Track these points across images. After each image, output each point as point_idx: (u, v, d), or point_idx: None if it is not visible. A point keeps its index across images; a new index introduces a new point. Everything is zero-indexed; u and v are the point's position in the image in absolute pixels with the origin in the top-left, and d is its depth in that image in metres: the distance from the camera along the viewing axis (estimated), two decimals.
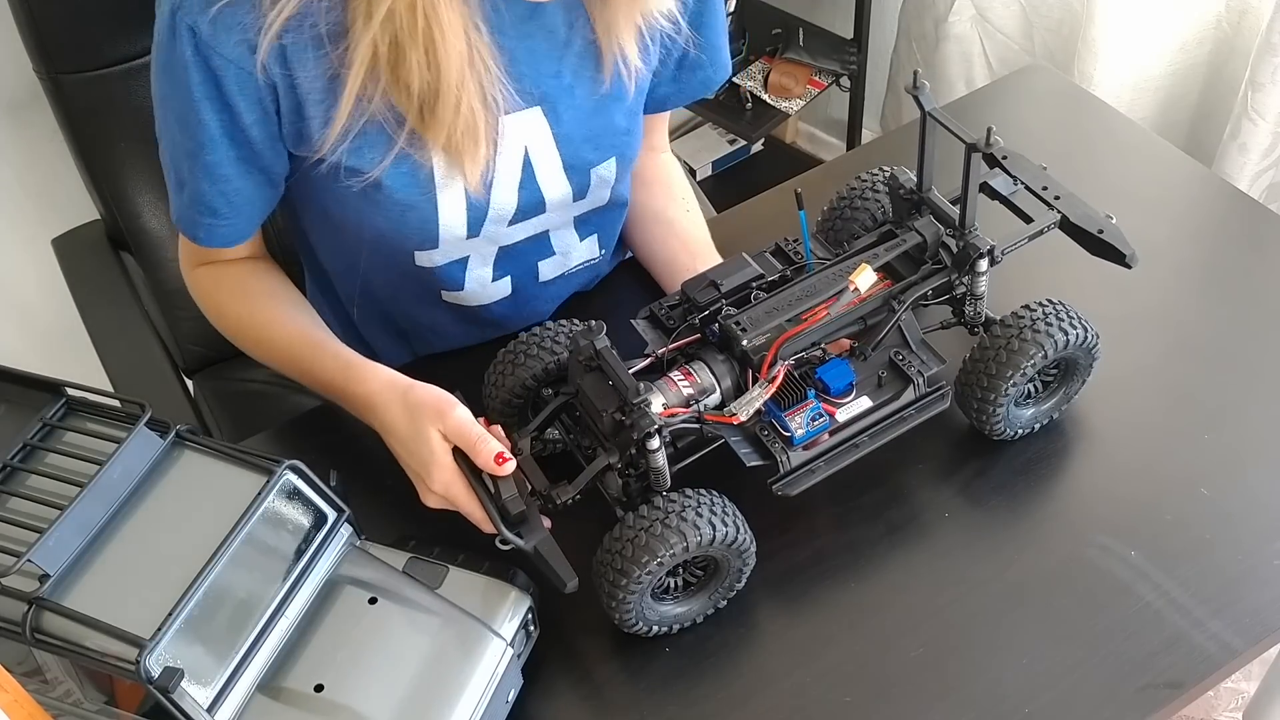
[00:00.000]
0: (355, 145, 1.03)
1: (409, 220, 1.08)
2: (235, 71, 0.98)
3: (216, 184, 1.06)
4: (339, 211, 1.11)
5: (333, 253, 1.22)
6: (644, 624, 0.96)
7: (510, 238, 1.16)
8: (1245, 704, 1.79)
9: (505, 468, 0.94)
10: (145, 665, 0.77)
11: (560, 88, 1.09)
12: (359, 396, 1.04)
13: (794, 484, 0.98)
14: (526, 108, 1.07)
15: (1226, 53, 1.92)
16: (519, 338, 1.05)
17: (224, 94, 1.00)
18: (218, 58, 0.98)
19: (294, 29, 0.97)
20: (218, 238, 1.10)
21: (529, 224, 1.16)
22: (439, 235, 1.11)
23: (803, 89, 2.37)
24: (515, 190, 1.11)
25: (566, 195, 1.15)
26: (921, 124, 1.04)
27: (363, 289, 1.24)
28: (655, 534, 0.90)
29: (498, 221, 1.13)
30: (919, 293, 1.03)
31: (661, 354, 1.01)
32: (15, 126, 1.71)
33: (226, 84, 0.99)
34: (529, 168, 1.11)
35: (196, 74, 0.99)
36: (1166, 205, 1.31)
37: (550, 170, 1.12)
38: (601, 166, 1.15)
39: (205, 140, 1.02)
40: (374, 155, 1.04)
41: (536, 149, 1.10)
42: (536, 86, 1.07)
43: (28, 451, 0.88)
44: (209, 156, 1.04)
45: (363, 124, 1.02)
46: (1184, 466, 1.07)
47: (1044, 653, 0.95)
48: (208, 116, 1.01)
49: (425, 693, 0.87)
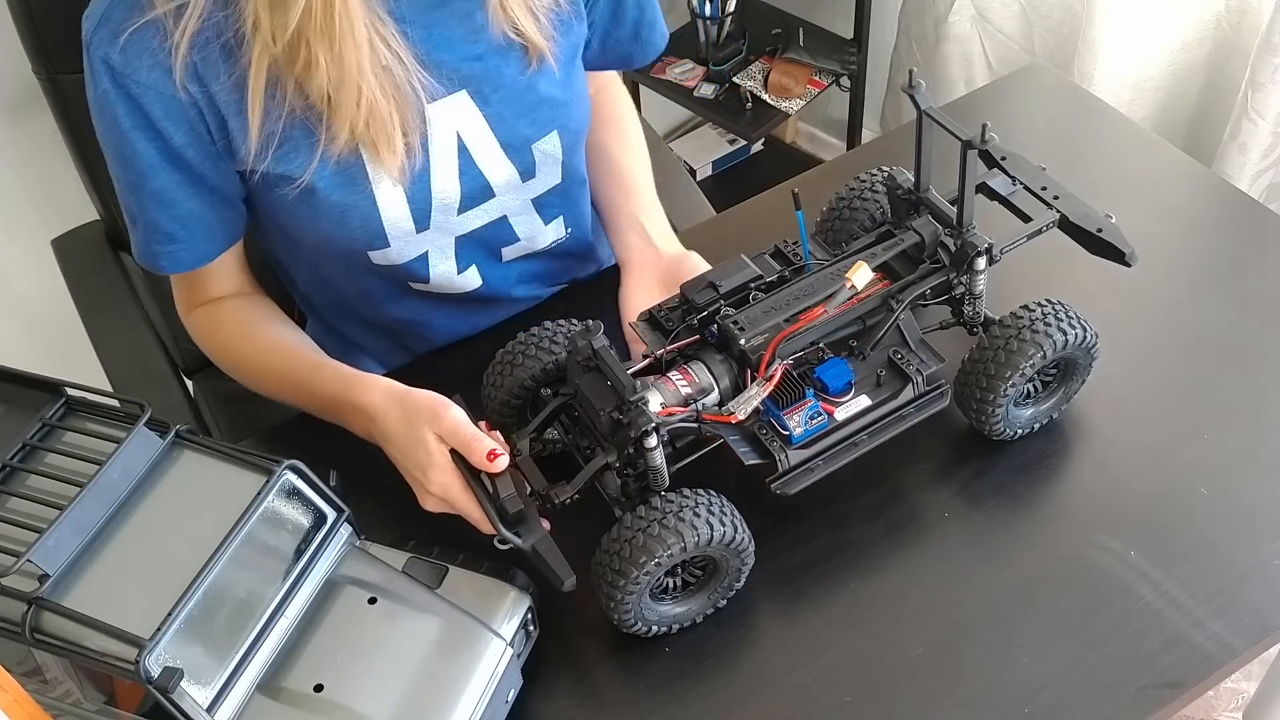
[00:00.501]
0: (281, 152, 1.04)
1: (351, 220, 1.09)
2: (156, 96, 1.00)
3: (165, 209, 1.07)
4: (288, 221, 1.12)
5: (298, 266, 1.23)
6: (643, 624, 0.96)
7: (464, 226, 1.16)
8: (1245, 704, 1.79)
9: (498, 464, 0.94)
10: (145, 665, 0.77)
11: (484, 69, 1.09)
12: (360, 407, 1.04)
13: (792, 483, 0.98)
14: (450, 93, 1.08)
15: (1226, 52, 1.92)
16: (517, 338, 1.05)
17: (151, 120, 1.01)
18: (135, 85, 0.99)
19: (201, 45, 0.98)
20: (180, 262, 1.11)
21: (480, 211, 1.16)
22: (385, 232, 1.11)
23: (803, 89, 2.37)
24: (455, 177, 1.12)
25: (513, 176, 1.15)
26: (918, 123, 1.04)
27: (336, 298, 1.25)
28: (653, 534, 0.90)
29: (445, 211, 1.13)
30: (917, 292, 1.03)
31: (660, 354, 1.01)
32: (15, 127, 1.71)
33: (151, 110, 1.00)
34: (465, 153, 1.11)
35: (120, 106, 1.00)
36: (1166, 205, 1.31)
37: (488, 152, 1.12)
38: (542, 142, 1.15)
39: (145, 169, 1.04)
40: (300, 159, 1.04)
41: (470, 133, 1.11)
42: (457, 71, 1.08)
43: (27, 451, 0.88)
44: (152, 184, 1.05)
45: (282, 128, 1.02)
46: (1184, 466, 1.07)
47: (1044, 652, 0.95)
48: (141, 146, 1.02)
49: (425, 693, 0.87)
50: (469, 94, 1.09)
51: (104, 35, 0.98)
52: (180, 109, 1.01)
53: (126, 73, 0.99)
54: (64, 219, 1.55)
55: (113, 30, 0.98)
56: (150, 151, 1.03)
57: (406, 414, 0.99)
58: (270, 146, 1.03)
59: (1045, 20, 2.08)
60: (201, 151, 1.04)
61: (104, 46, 0.98)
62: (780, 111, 2.36)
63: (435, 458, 0.97)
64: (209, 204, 1.08)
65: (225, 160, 1.06)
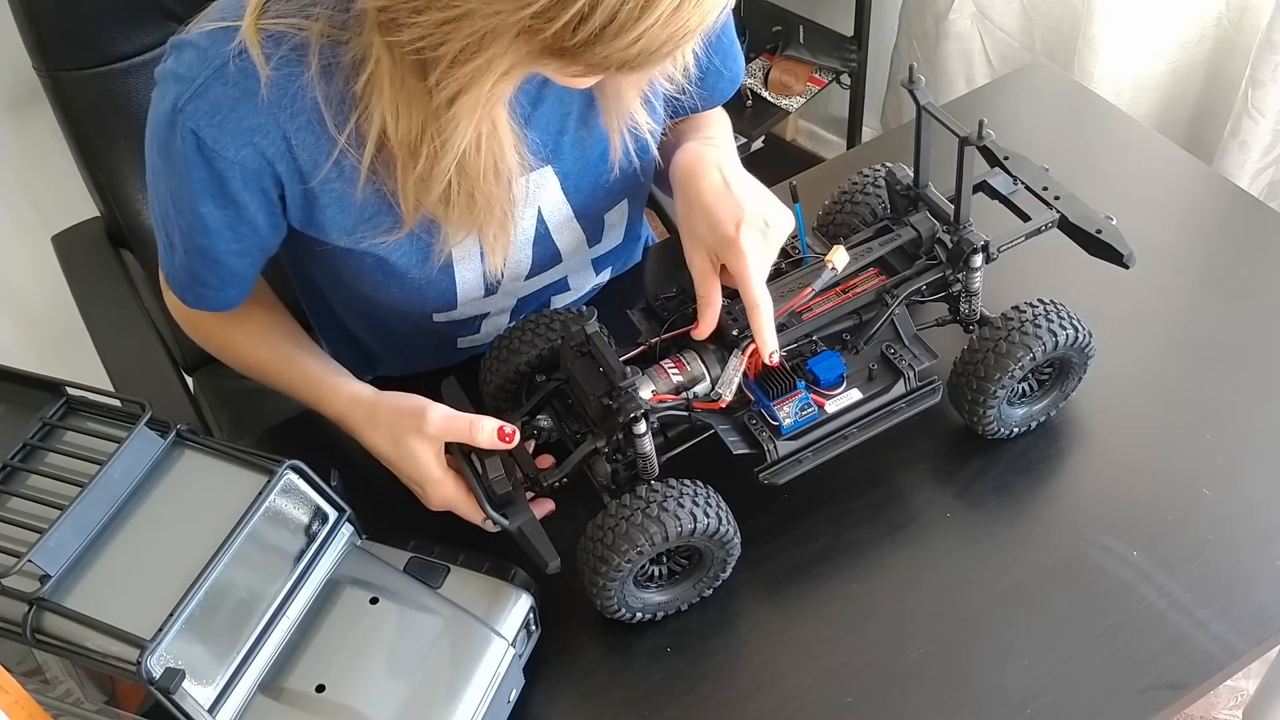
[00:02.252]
0: (368, 228, 1.01)
1: (426, 292, 1.08)
2: (239, 170, 0.96)
3: (207, 264, 1.04)
4: (354, 280, 1.09)
5: (347, 308, 1.21)
6: (626, 610, 0.96)
7: (528, 289, 1.16)
8: (1245, 702, 1.79)
9: (514, 440, 0.94)
10: (146, 666, 0.77)
11: (567, 142, 1.06)
12: (333, 419, 1.03)
13: (780, 473, 0.98)
14: (538, 168, 1.05)
15: (1227, 50, 1.92)
16: (515, 324, 1.06)
17: (228, 191, 0.97)
18: (221, 160, 0.95)
19: (302, 127, 0.95)
20: (206, 303, 1.09)
21: (547, 274, 1.15)
22: (457, 300, 1.10)
23: (803, 86, 2.36)
24: (530, 248, 1.10)
25: (581, 243, 1.14)
26: (917, 119, 1.04)
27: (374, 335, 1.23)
28: (636, 523, 0.90)
29: (515, 279, 1.12)
30: (912, 287, 1.04)
31: (654, 343, 1.01)
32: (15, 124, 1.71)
33: (230, 182, 0.96)
34: (542, 225, 1.10)
35: (198, 170, 0.96)
36: (1167, 203, 1.31)
37: (563, 223, 1.11)
38: (613, 211, 1.14)
39: (199, 226, 1.00)
40: (384, 236, 1.02)
41: (549, 206, 1.09)
42: (544, 145, 1.05)
43: (28, 451, 0.88)
44: (200, 240, 1.01)
45: (374, 208, 1.00)
46: (1186, 466, 1.07)
47: (1045, 653, 0.95)
48: (205, 209, 0.98)
49: (427, 693, 0.87)
50: (554, 169, 1.07)
51: (200, 109, 0.93)
52: (260, 179, 0.97)
53: (216, 149, 0.94)
54: (64, 216, 1.55)
55: (211, 106, 0.93)
56: (213, 216, 0.99)
57: (386, 429, 0.98)
58: (364, 224, 1.01)
59: (1046, 18, 2.07)
60: (269, 216, 1.01)
61: (197, 119, 0.93)
62: (780, 109, 2.36)
63: (428, 472, 0.96)
64: (250, 263, 1.06)
65: (285, 220, 1.03)
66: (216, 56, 0.92)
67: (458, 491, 0.96)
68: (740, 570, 0.99)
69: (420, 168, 0.94)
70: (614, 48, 0.78)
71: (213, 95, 0.93)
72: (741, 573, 1.00)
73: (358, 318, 1.22)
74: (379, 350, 1.26)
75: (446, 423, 0.95)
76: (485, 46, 0.81)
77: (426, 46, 0.83)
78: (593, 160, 1.08)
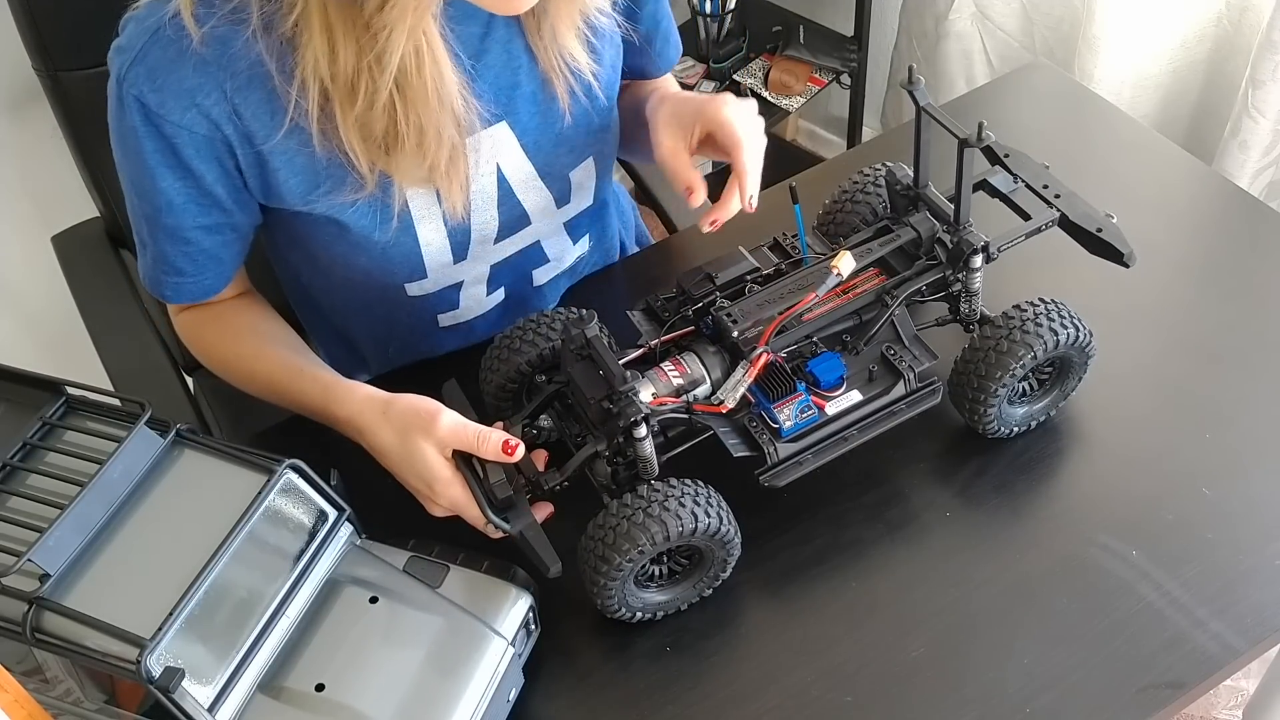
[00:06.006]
0: (323, 191, 1.02)
1: (392, 256, 1.08)
2: (189, 136, 0.97)
3: (178, 245, 1.05)
4: (320, 252, 1.10)
5: (328, 295, 1.22)
6: (627, 610, 0.96)
7: (500, 254, 1.16)
8: (1245, 701, 1.79)
9: (517, 454, 0.94)
10: (146, 665, 0.77)
11: (521, 97, 1.07)
12: (342, 420, 1.03)
13: (781, 475, 0.98)
14: (493, 124, 1.06)
15: (1227, 50, 1.92)
16: (515, 324, 1.06)
17: (181, 159, 0.99)
18: (168, 125, 0.96)
19: (244, 85, 0.96)
20: (185, 294, 1.10)
21: (516, 238, 1.15)
22: (425, 266, 1.10)
23: (803, 86, 2.36)
24: (495, 208, 1.10)
25: (549, 203, 1.14)
26: (917, 119, 1.04)
27: (358, 321, 1.23)
28: (637, 522, 0.90)
29: (483, 242, 1.12)
30: (913, 288, 1.04)
31: (655, 345, 1.01)
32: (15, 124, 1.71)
33: (182, 149, 0.98)
34: (504, 184, 1.10)
35: (149, 142, 0.97)
36: (1167, 203, 1.31)
37: (526, 182, 1.11)
38: (578, 169, 1.14)
39: (162, 205, 1.01)
40: (343, 199, 1.02)
41: (509, 164, 1.09)
42: (497, 102, 1.06)
43: (28, 451, 0.88)
44: (168, 220, 1.03)
45: (329, 169, 1.00)
46: (1185, 466, 1.07)
47: (1045, 652, 0.95)
48: (164, 183, 1.00)
49: (426, 692, 0.87)
50: (509, 124, 1.07)
51: (140, 74, 0.95)
52: (212, 146, 0.98)
53: (161, 113, 0.96)
54: (64, 216, 1.55)
55: (150, 70, 0.95)
56: (174, 189, 1.00)
57: (396, 428, 0.98)
58: (318, 188, 1.02)
59: (1046, 18, 2.08)
60: (229, 188, 1.02)
61: (139, 85, 0.95)
62: (780, 109, 2.36)
63: (437, 471, 0.96)
64: (223, 241, 1.07)
65: (249, 195, 1.04)
66: (152, 23, 0.95)
67: (464, 494, 0.96)
68: (740, 570, 0.99)
69: (360, 104, 0.95)
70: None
71: (151, 59, 0.95)
72: (741, 572, 1.00)
73: (339, 304, 1.22)
74: (366, 340, 1.26)
75: (455, 430, 0.95)
76: None
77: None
78: (551, 118, 1.09)
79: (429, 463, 0.96)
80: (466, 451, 0.96)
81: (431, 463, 0.96)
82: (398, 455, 0.98)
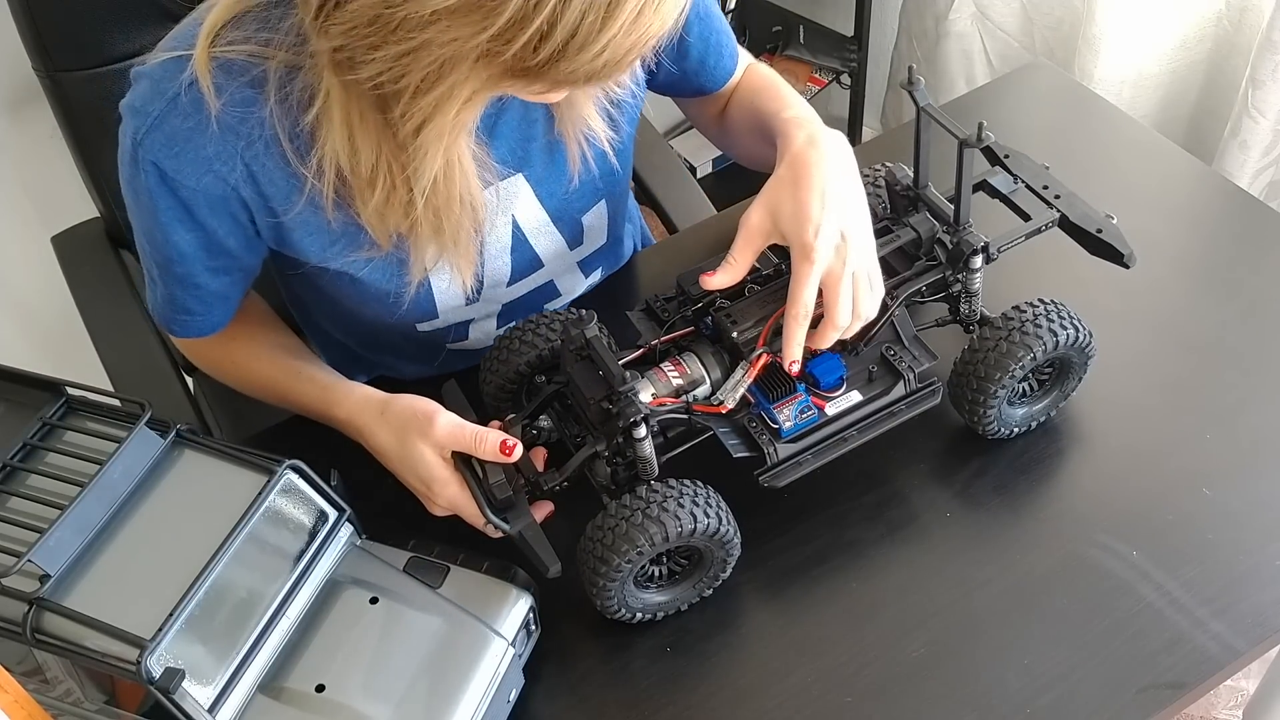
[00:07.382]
0: (337, 249, 1.02)
1: (403, 303, 1.07)
2: (204, 198, 0.96)
3: (188, 290, 1.05)
4: (333, 294, 1.10)
5: (333, 322, 1.22)
6: (626, 610, 0.96)
7: (512, 295, 1.16)
8: (1245, 701, 1.79)
9: (514, 454, 0.94)
10: (146, 665, 0.77)
11: (535, 149, 1.06)
12: (341, 421, 1.03)
13: (780, 476, 0.98)
14: (508, 176, 1.06)
15: (1227, 50, 1.92)
16: (515, 325, 1.06)
17: (196, 219, 0.98)
18: (184, 189, 0.96)
19: (262, 154, 0.95)
20: (194, 330, 1.09)
21: (529, 280, 1.15)
22: (437, 309, 1.10)
23: (803, 86, 2.36)
24: (508, 255, 1.10)
25: (562, 247, 1.14)
26: (917, 120, 1.04)
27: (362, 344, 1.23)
28: (636, 523, 0.90)
29: (495, 286, 1.12)
30: (912, 289, 1.04)
31: (655, 345, 1.01)
32: (14, 125, 1.71)
33: (196, 209, 0.97)
34: (518, 233, 1.10)
35: (163, 201, 0.97)
36: (1167, 203, 1.31)
37: (539, 228, 1.11)
38: (590, 213, 1.14)
39: (174, 255, 1.01)
40: (357, 255, 1.02)
41: (524, 213, 1.09)
42: (513, 154, 1.05)
43: (28, 451, 0.88)
44: (179, 269, 1.02)
45: (344, 231, 1.00)
46: (1186, 466, 1.07)
47: (1045, 653, 0.95)
48: (177, 237, 0.99)
49: (426, 692, 0.87)
50: (525, 176, 1.07)
51: (157, 141, 0.93)
52: (227, 204, 0.97)
53: (178, 179, 0.95)
54: (64, 216, 1.55)
55: (167, 138, 0.93)
56: (186, 241, 1.00)
57: (394, 429, 0.98)
58: (333, 246, 1.01)
59: (1046, 18, 2.08)
60: (241, 239, 1.01)
61: (155, 151, 0.93)
62: None
63: (435, 471, 0.96)
64: (231, 282, 1.06)
65: (261, 241, 1.03)
66: (169, 88, 0.93)
67: (463, 493, 0.96)
68: (740, 570, 0.99)
69: (377, 198, 0.94)
70: (579, 62, 0.77)
71: (168, 127, 0.93)
72: (741, 573, 1.00)
73: (344, 330, 1.23)
74: (369, 356, 1.26)
75: (452, 431, 0.95)
76: (446, 74, 0.81)
77: (386, 81, 0.83)
78: (562, 164, 1.08)
79: (426, 463, 0.96)
80: (466, 452, 0.95)
81: (429, 463, 0.96)
82: (396, 456, 0.99)
